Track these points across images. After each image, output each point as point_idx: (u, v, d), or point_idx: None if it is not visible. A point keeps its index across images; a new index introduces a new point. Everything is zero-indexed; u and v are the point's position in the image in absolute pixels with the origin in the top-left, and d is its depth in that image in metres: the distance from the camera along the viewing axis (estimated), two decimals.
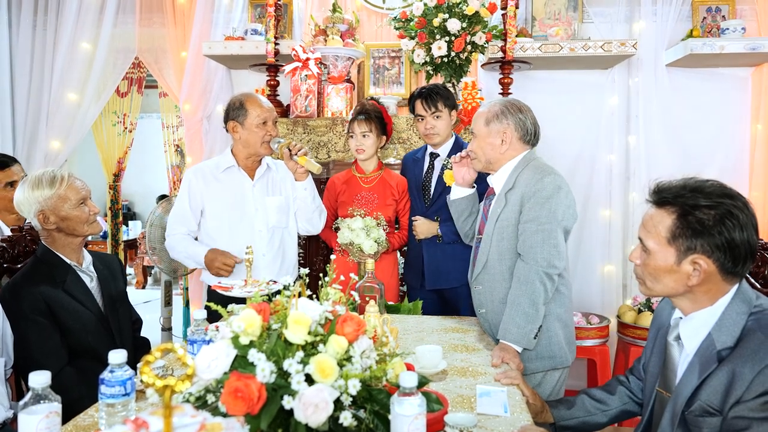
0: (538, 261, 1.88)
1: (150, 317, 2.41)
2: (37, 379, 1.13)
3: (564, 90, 3.63)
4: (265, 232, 2.50)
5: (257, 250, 2.42)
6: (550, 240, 1.89)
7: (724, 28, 3.34)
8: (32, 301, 1.86)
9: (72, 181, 2.00)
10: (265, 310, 1.11)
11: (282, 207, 2.54)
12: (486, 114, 2.06)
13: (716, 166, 3.54)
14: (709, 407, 1.26)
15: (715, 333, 1.30)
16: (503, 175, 2.05)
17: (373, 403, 1.08)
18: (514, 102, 2.08)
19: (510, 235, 1.98)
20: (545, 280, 1.87)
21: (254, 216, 2.49)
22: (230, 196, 2.49)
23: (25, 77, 3.90)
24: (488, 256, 2.03)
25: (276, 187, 2.58)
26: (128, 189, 8.49)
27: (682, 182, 1.35)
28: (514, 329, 1.86)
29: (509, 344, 1.85)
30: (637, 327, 3.09)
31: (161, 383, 0.73)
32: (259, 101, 2.47)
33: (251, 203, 2.50)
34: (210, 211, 2.49)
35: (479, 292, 2.09)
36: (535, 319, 1.86)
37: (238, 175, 2.51)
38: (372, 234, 2.53)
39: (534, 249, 1.89)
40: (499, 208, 2.01)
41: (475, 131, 2.08)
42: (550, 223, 1.89)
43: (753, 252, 1.29)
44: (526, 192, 1.94)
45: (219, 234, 2.48)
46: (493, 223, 2.02)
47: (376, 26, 3.69)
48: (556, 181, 1.93)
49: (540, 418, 1.63)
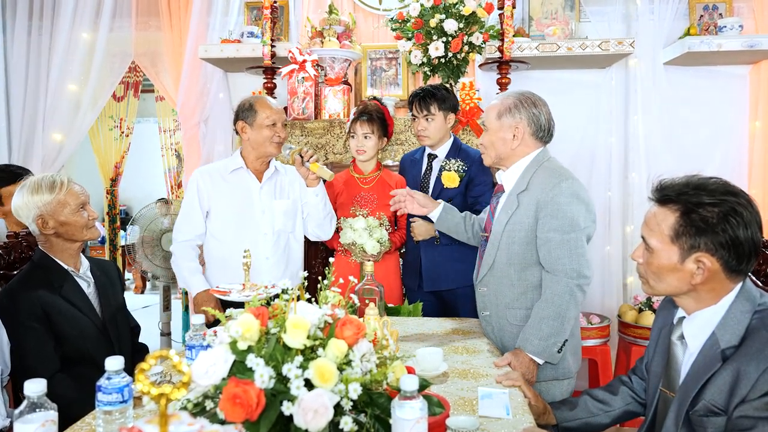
0: (567, 273, 1.80)
1: (149, 322, 2.38)
2: (32, 388, 1.12)
3: (562, 89, 3.62)
4: (270, 235, 2.48)
5: (261, 253, 2.41)
6: (576, 250, 1.81)
7: (722, 26, 3.34)
8: (29, 307, 1.85)
9: (71, 186, 1.99)
10: (263, 314, 1.09)
11: (289, 211, 2.53)
12: (498, 107, 1.97)
13: (715, 164, 3.54)
14: (714, 407, 1.24)
15: (719, 332, 1.29)
16: (514, 173, 1.97)
17: (374, 407, 1.07)
18: (529, 95, 1.99)
19: (522, 240, 1.90)
20: (576, 293, 1.81)
21: (260, 219, 2.48)
22: (237, 198, 2.48)
23: (20, 83, 3.88)
24: (495, 258, 1.96)
25: (284, 191, 2.56)
26: (125, 194, 8.47)
27: (684, 180, 1.34)
28: (536, 341, 1.79)
29: (528, 354, 1.79)
30: (639, 326, 3.08)
31: (156, 391, 0.71)
32: (268, 103, 2.47)
33: (258, 206, 2.48)
34: (216, 212, 2.49)
35: (484, 295, 2.03)
36: (561, 332, 1.79)
37: (245, 177, 2.50)
38: (375, 234, 2.52)
39: (561, 261, 1.81)
40: (510, 209, 1.93)
41: (487, 124, 2.01)
42: (574, 232, 1.82)
43: (757, 249, 1.28)
44: (542, 198, 1.85)
45: (224, 235, 2.47)
46: (502, 225, 1.94)
47: (372, 27, 3.68)
48: (574, 186, 1.85)
49: (542, 420, 1.62)
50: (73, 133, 3.87)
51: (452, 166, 2.60)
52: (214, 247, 2.50)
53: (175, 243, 2.52)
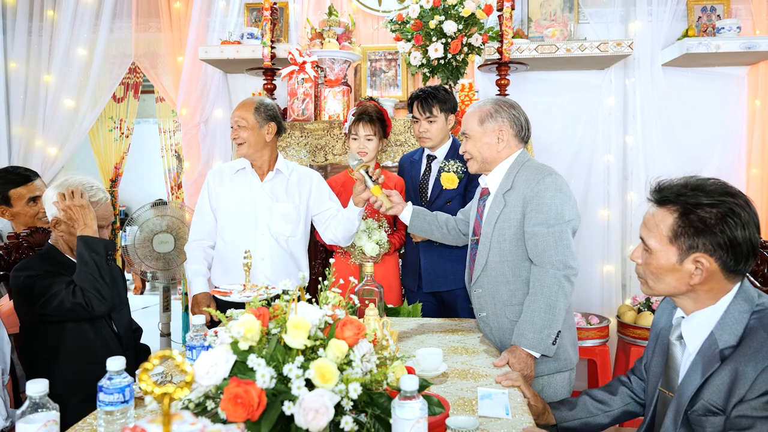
0: (554, 264, 1.84)
1: (148, 323, 2.39)
2: (34, 388, 1.12)
3: (561, 91, 3.63)
4: (267, 237, 2.48)
5: (257, 254, 2.41)
6: (562, 241, 1.85)
7: (720, 27, 3.35)
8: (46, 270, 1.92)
9: (106, 204, 2.09)
10: (264, 314, 1.10)
11: (289, 215, 2.51)
12: (478, 114, 2.02)
13: (713, 165, 3.55)
14: (712, 406, 1.25)
15: (717, 332, 1.29)
16: (498, 175, 2.03)
17: (374, 407, 1.07)
18: (504, 99, 2.06)
19: (512, 236, 1.94)
20: (564, 283, 1.83)
21: (258, 219, 2.49)
22: (239, 197, 2.51)
23: (21, 84, 3.89)
24: (487, 258, 1.99)
25: (287, 194, 2.53)
26: (125, 194, 8.47)
27: (683, 181, 1.35)
28: (530, 334, 1.81)
29: (524, 350, 1.81)
30: (637, 327, 3.09)
31: (159, 391, 0.71)
32: (237, 105, 2.51)
33: (257, 206, 2.50)
34: (220, 210, 2.52)
35: (479, 296, 2.04)
36: (553, 323, 1.82)
37: (248, 177, 2.53)
38: (374, 236, 2.52)
39: (548, 252, 1.85)
40: (498, 209, 1.97)
41: (469, 132, 2.04)
42: (560, 224, 1.86)
43: (755, 250, 1.28)
44: (528, 193, 1.91)
45: (226, 234, 2.51)
46: (491, 225, 1.98)
47: (372, 29, 3.69)
48: (557, 181, 1.91)
49: (542, 420, 1.62)
50: (72, 134, 3.86)
51: (451, 167, 2.60)
52: (220, 246, 2.54)
53: (188, 243, 2.56)
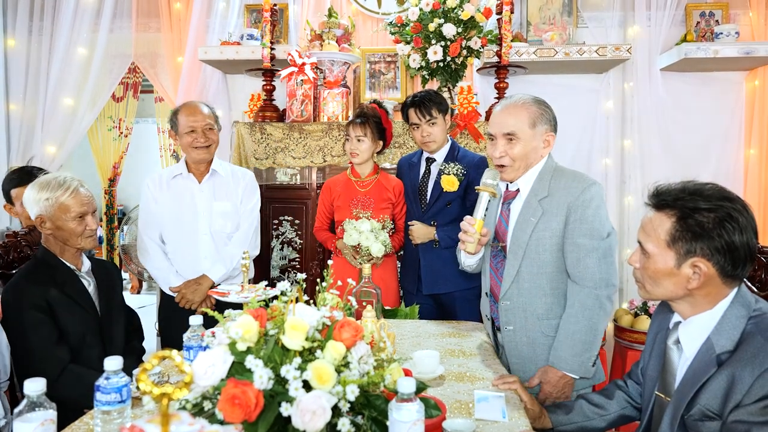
0: (596, 282, 1.74)
1: (145, 322, 2.39)
2: (32, 387, 1.12)
3: (559, 94, 3.63)
4: (207, 236, 2.57)
5: (200, 254, 2.54)
6: (607, 258, 1.75)
7: (718, 33, 3.36)
8: (35, 300, 1.87)
9: (77, 191, 1.98)
10: (262, 315, 1.10)
11: (228, 213, 2.61)
12: (527, 114, 1.81)
13: (711, 169, 3.56)
14: (709, 411, 1.25)
15: (714, 337, 1.30)
16: (528, 180, 1.88)
17: (371, 409, 1.07)
18: (541, 98, 1.88)
19: (553, 247, 1.81)
20: (605, 303, 1.75)
21: (199, 220, 2.57)
22: (178, 202, 2.58)
23: (21, 82, 3.88)
24: (520, 269, 1.84)
25: (225, 193, 2.63)
26: (124, 194, 8.45)
27: (681, 185, 1.35)
28: (569, 357, 1.74)
29: (559, 371, 1.76)
30: (634, 331, 3.09)
31: (158, 391, 0.71)
32: (191, 110, 2.56)
33: (197, 208, 2.58)
34: (163, 215, 2.58)
35: (507, 309, 1.89)
36: (594, 345, 1.74)
37: (186, 181, 2.61)
38: (380, 237, 2.52)
39: (590, 270, 1.74)
40: (534, 216, 1.82)
41: (519, 134, 1.81)
42: (605, 239, 1.75)
43: (752, 255, 1.29)
44: (572, 202, 1.77)
45: (170, 238, 2.58)
46: (527, 233, 1.83)
47: (371, 31, 3.69)
48: (601, 192, 1.80)
49: (538, 424, 1.62)
50: (71, 134, 3.86)
51: (451, 169, 2.59)
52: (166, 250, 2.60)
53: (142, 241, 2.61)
